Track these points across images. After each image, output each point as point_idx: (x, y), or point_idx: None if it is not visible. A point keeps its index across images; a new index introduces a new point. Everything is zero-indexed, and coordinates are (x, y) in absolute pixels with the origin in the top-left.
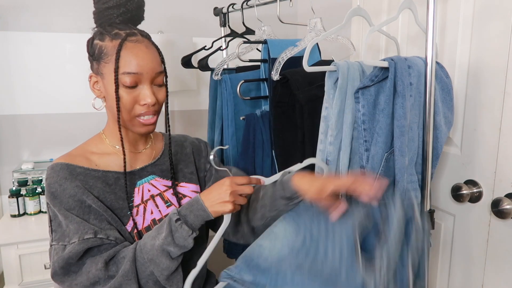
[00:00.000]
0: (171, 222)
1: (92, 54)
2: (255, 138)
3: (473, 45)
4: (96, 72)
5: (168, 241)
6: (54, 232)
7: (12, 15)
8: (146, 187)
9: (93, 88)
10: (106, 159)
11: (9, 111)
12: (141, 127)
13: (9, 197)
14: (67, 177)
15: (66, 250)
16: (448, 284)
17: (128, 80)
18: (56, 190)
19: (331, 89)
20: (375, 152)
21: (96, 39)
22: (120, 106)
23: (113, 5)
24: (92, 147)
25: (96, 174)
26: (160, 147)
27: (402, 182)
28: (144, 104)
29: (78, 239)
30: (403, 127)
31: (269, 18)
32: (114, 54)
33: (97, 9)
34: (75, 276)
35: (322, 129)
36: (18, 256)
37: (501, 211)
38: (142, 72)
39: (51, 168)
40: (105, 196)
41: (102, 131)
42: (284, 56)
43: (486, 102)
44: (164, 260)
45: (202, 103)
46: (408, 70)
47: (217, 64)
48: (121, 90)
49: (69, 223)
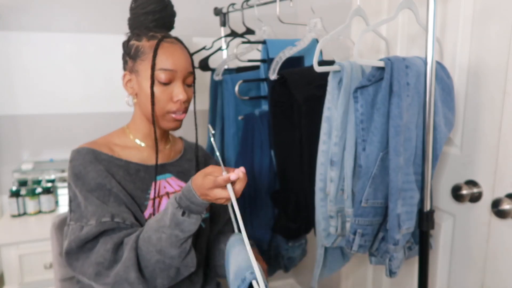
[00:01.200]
0: (176, 217)
1: (128, 53)
2: (253, 138)
3: (473, 45)
4: (130, 70)
5: (176, 233)
6: (73, 212)
7: (12, 15)
8: (163, 183)
9: (126, 86)
10: (128, 151)
11: (9, 111)
12: (172, 122)
13: (9, 197)
14: (92, 160)
15: (84, 230)
16: (448, 284)
17: (163, 76)
18: (80, 172)
19: (335, 89)
20: (370, 151)
21: (133, 39)
22: (155, 103)
23: (151, 10)
24: (115, 139)
25: (119, 163)
26: (178, 149)
27: (397, 182)
28: (177, 101)
29: (96, 221)
30: (398, 126)
31: (269, 18)
32: (151, 52)
33: (134, 14)
34: (88, 254)
35: (325, 129)
36: (18, 256)
37: (501, 211)
38: (177, 70)
39: (76, 151)
40: (126, 184)
41: (126, 125)
42: (282, 56)
43: (486, 102)
44: (174, 249)
45: (202, 103)
46: (405, 70)
47: (218, 64)
48: (155, 86)
49: (88, 204)
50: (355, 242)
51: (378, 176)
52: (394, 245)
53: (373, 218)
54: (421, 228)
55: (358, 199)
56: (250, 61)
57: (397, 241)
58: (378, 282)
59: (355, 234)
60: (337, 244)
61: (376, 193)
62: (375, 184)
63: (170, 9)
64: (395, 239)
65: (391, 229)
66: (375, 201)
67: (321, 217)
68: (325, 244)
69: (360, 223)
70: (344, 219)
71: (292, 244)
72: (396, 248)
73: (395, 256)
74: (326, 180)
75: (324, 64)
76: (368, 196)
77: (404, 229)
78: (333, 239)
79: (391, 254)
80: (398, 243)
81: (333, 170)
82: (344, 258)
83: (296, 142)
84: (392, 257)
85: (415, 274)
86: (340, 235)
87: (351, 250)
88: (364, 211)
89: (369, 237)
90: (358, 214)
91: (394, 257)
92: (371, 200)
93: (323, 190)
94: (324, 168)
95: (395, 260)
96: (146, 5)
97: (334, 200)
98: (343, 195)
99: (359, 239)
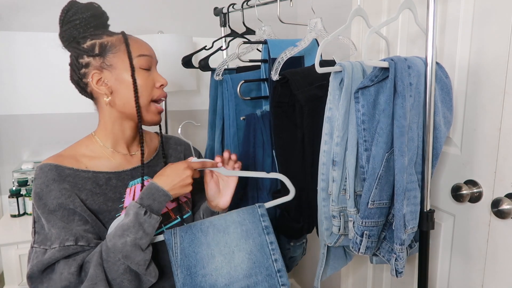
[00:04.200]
0: (138, 216)
1: (89, 52)
2: (255, 138)
3: (473, 45)
4: (99, 68)
5: (140, 235)
6: (37, 234)
7: (12, 15)
8: (138, 188)
9: (97, 86)
10: (96, 161)
11: (9, 111)
12: (156, 115)
13: (9, 197)
14: (55, 178)
15: (46, 255)
16: (448, 284)
17: (144, 62)
18: (42, 191)
19: (337, 89)
20: (376, 153)
21: (88, 41)
22: (140, 91)
23: (91, 15)
24: (82, 149)
25: (86, 175)
26: (154, 148)
27: (402, 182)
28: (160, 86)
29: (59, 245)
30: (403, 127)
31: (269, 18)
32: (122, 44)
33: (68, 24)
34: (52, 277)
35: (327, 130)
36: (18, 256)
37: (501, 211)
38: (152, 55)
39: (39, 168)
40: (94, 198)
41: (93, 132)
42: (284, 56)
43: (486, 102)
44: (139, 253)
45: (202, 103)
46: (408, 70)
47: (218, 64)
48: (138, 74)
49: (51, 227)
50: (362, 244)
51: (384, 177)
52: (401, 245)
53: (379, 219)
54: (421, 228)
55: (364, 200)
56: (251, 61)
57: (403, 241)
58: (378, 281)
59: (362, 236)
60: (339, 243)
61: (381, 193)
62: (381, 185)
63: (106, 16)
64: (401, 239)
65: (397, 229)
66: (380, 201)
67: (323, 216)
68: (328, 244)
69: (367, 225)
70: (347, 218)
71: (294, 244)
72: (402, 248)
73: (401, 256)
74: (328, 180)
75: (325, 64)
76: (374, 197)
77: (409, 228)
78: (335, 238)
79: (398, 254)
80: (404, 243)
81: (335, 170)
82: (346, 257)
83: (297, 142)
84: (398, 257)
85: (415, 274)
86: (342, 234)
87: (359, 252)
88: (370, 213)
89: (375, 238)
90: (365, 216)
91: (400, 257)
92: (377, 201)
93: (325, 190)
94: (326, 168)
95: (401, 260)
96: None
97: (336, 200)
98: (345, 195)
99: (366, 240)
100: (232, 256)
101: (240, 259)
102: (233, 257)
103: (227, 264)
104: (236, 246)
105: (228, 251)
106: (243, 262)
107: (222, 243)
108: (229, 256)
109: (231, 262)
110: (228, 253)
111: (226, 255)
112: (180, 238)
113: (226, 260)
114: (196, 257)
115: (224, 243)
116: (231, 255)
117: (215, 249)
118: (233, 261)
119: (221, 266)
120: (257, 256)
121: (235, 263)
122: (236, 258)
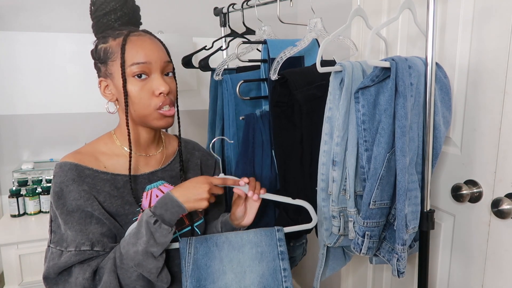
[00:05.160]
0: (149, 225)
1: (98, 59)
2: (254, 138)
3: (473, 45)
4: (104, 75)
5: (151, 243)
6: (53, 233)
7: (12, 15)
8: (155, 192)
9: (104, 93)
10: (115, 161)
11: (9, 111)
12: (161, 119)
13: (9, 197)
14: (74, 179)
15: (62, 258)
16: (448, 284)
17: (137, 70)
18: (62, 190)
19: (337, 89)
20: (377, 153)
21: (100, 44)
22: (137, 102)
23: (110, 9)
24: (101, 147)
25: (105, 177)
26: (172, 151)
27: (404, 182)
28: (160, 94)
29: (75, 248)
30: (404, 127)
31: (269, 18)
32: (120, 50)
33: (96, 18)
34: (68, 279)
35: (327, 130)
36: (18, 256)
37: (501, 211)
38: (151, 62)
39: (59, 166)
40: (112, 201)
41: (113, 130)
42: (283, 56)
43: (486, 102)
44: (151, 261)
45: (202, 103)
46: (408, 70)
47: (218, 64)
48: (132, 84)
49: (68, 229)
50: (364, 245)
51: (385, 177)
52: (402, 245)
53: (380, 219)
54: (421, 228)
55: (366, 201)
56: (250, 61)
57: (405, 241)
58: (378, 281)
59: (364, 237)
60: (339, 243)
61: (383, 194)
62: (382, 185)
63: (131, 4)
64: (403, 239)
65: (399, 229)
66: (382, 202)
67: (323, 217)
68: (328, 244)
69: (369, 225)
70: (347, 219)
71: (294, 244)
72: (404, 248)
73: (403, 257)
74: (328, 180)
75: (325, 64)
76: (376, 197)
77: (410, 228)
78: (335, 239)
79: (399, 254)
80: (406, 243)
81: (335, 170)
82: (346, 257)
83: (297, 142)
84: (400, 258)
85: (415, 274)
86: (342, 235)
87: (360, 253)
88: (372, 213)
89: (376, 238)
90: (367, 216)
91: (402, 257)
92: (379, 202)
93: (325, 190)
94: (326, 168)
95: (403, 261)
96: (105, 5)
97: (336, 200)
98: (345, 195)
99: (368, 241)
100: (243, 276)
101: (250, 281)
102: (244, 277)
103: (237, 283)
104: (248, 266)
105: (240, 270)
106: (253, 284)
107: (235, 261)
108: (240, 276)
109: (241, 282)
110: (240, 272)
111: (237, 274)
112: (194, 249)
113: (237, 279)
114: (208, 271)
115: (237, 261)
116: (242, 275)
117: (227, 266)
118: (243, 281)
119: (230, 284)
120: (268, 280)
121: (245, 283)
122: (247, 279)
